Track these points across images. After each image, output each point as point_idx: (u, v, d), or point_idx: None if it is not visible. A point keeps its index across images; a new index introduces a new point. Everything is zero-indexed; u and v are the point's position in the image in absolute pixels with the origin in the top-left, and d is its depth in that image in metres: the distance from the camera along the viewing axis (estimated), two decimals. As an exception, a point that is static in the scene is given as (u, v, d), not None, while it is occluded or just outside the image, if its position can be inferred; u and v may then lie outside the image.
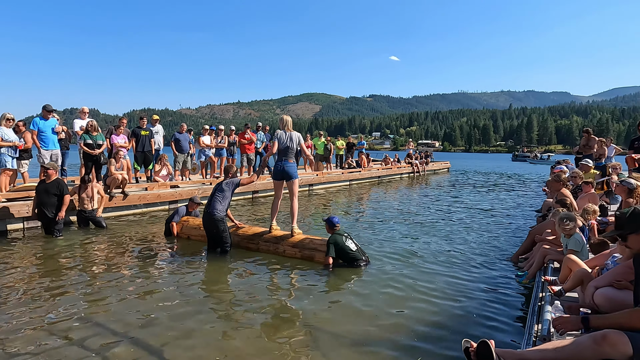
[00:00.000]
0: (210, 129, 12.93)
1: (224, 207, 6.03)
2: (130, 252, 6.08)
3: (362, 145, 22.74)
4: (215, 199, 6.04)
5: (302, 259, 5.70)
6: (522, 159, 60.63)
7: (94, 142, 8.90)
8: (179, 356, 3.07)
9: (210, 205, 6.02)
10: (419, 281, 4.86)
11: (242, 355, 3.11)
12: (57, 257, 5.79)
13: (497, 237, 7.36)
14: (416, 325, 3.65)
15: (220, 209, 5.98)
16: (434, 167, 27.61)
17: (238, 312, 3.93)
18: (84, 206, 7.63)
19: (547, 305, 3.06)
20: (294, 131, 6.13)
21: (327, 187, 15.81)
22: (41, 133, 8.63)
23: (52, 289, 4.49)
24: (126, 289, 4.52)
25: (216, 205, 5.99)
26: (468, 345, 2.28)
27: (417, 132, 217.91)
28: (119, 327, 3.52)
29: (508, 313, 3.97)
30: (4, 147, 7.68)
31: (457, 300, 4.26)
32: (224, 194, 6.05)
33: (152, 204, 9.63)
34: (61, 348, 3.16)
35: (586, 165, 8.55)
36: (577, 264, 3.30)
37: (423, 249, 6.43)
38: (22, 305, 4.02)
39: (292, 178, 6.01)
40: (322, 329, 3.57)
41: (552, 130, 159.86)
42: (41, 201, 6.95)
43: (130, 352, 3.11)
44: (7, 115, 7.86)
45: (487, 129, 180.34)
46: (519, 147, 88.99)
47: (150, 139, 10.56)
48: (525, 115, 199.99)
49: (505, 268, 5.43)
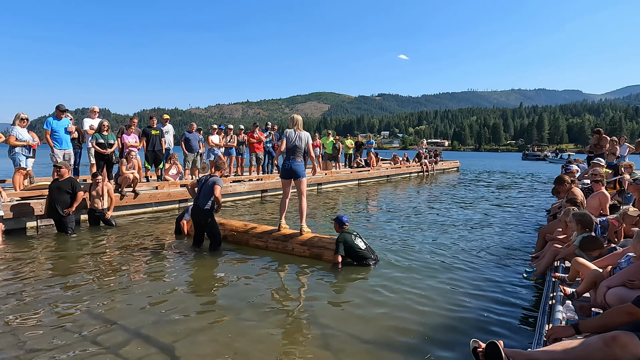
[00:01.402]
0: (220, 128, 13.00)
1: (211, 202, 6.13)
2: (141, 251, 6.14)
3: (371, 145, 22.67)
4: (203, 193, 6.16)
5: (311, 257, 5.72)
6: (532, 158, 60.02)
7: (106, 142, 9.01)
8: (190, 353, 3.10)
9: (198, 199, 6.18)
10: (428, 280, 4.85)
11: (252, 352, 3.13)
12: (69, 255, 5.88)
13: (507, 237, 7.30)
14: (425, 325, 3.64)
15: (208, 204, 6.10)
16: (443, 166, 27.45)
17: (247, 310, 3.96)
18: (95, 205, 7.73)
19: (558, 305, 3.04)
20: (303, 131, 6.14)
21: (336, 186, 15.81)
22: (54, 133, 8.74)
23: (65, 286, 4.56)
24: (137, 287, 4.57)
25: (204, 199, 6.12)
26: (476, 346, 2.27)
27: (426, 131, 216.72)
28: (130, 324, 3.57)
29: (518, 313, 3.95)
30: (18, 146, 7.82)
31: (467, 300, 4.24)
32: (210, 189, 6.13)
33: (163, 202, 9.72)
34: (74, 344, 3.21)
35: (598, 164, 8.44)
36: (586, 266, 3.26)
37: (432, 248, 6.41)
38: (36, 301, 4.09)
39: (300, 177, 6.02)
40: (331, 328, 3.58)
41: (564, 129, 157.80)
42: (54, 199, 7.06)
43: (141, 349, 3.15)
44: (22, 115, 7.99)
45: (497, 127, 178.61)
46: (529, 146, 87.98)
47: (160, 139, 10.65)
48: (536, 113, 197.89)
49: (515, 268, 5.39)
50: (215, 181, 6.17)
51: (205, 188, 6.18)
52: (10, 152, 7.92)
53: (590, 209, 5.38)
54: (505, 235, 7.41)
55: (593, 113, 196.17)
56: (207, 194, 6.13)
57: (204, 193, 6.17)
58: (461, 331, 3.51)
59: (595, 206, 5.87)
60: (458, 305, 4.11)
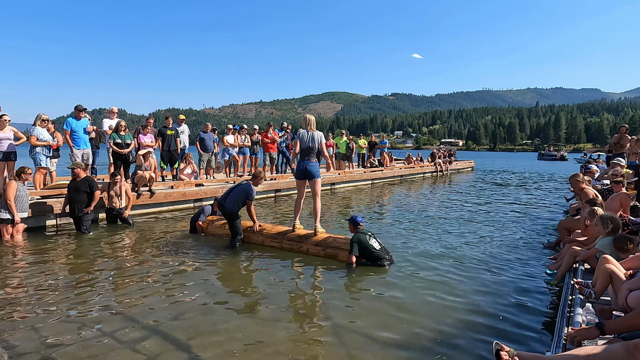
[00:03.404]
0: (234, 128, 13.10)
1: (237, 207, 6.22)
2: (157, 249, 6.23)
3: (385, 144, 22.57)
4: (232, 196, 6.24)
5: (325, 257, 5.72)
6: (548, 158, 58.95)
7: (123, 142, 9.16)
8: (206, 350, 3.14)
9: (226, 199, 6.27)
10: (443, 281, 4.81)
11: (267, 350, 3.15)
12: (87, 253, 6.00)
13: (525, 238, 7.19)
14: (440, 327, 3.61)
15: (234, 208, 6.19)
16: (457, 166, 27.19)
17: (262, 309, 3.99)
18: (113, 204, 7.87)
19: (578, 308, 2.98)
20: (316, 130, 6.15)
21: (350, 186, 15.79)
22: (73, 133, 8.93)
23: (84, 283, 4.66)
24: (154, 284, 4.64)
25: (231, 200, 6.21)
26: (499, 348, 2.25)
27: (440, 130, 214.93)
28: (149, 321, 3.63)
29: (536, 315, 3.88)
30: (39, 146, 8.01)
31: (483, 302, 4.19)
32: (239, 196, 6.21)
33: (178, 201, 9.84)
34: (93, 339, 3.27)
35: (618, 164, 8.25)
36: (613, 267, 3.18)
37: (448, 248, 6.35)
38: (56, 298, 4.19)
39: (315, 177, 6.03)
40: (346, 327, 3.58)
41: (582, 128, 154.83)
42: (72, 198, 7.21)
43: (159, 345, 3.20)
44: (42, 116, 8.18)
45: (513, 127, 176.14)
46: (545, 146, 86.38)
47: (175, 138, 10.79)
48: (552, 112, 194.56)
49: (533, 269, 5.31)
50: (246, 190, 6.23)
51: (237, 191, 6.26)
52: (31, 152, 8.12)
53: (609, 211, 5.26)
54: (522, 237, 7.30)
55: (612, 112, 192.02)
56: (236, 198, 6.21)
57: (233, 194, 6.25)
58: (477, 333, 3.47)
59: (615, 208, 5.73)
60: (474, 306, 4.07)
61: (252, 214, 6.39)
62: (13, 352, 3.05)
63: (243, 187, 6.29)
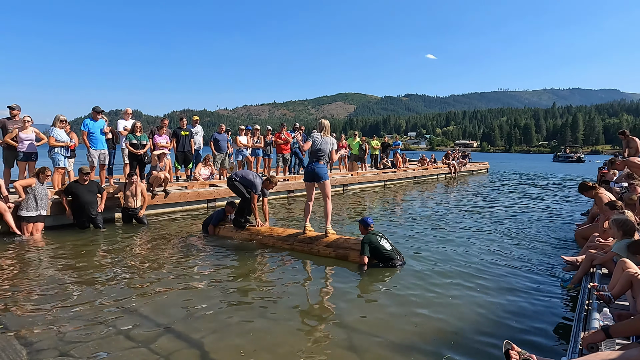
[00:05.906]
0: (247, 129, 13.19)
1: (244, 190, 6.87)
2: (171, 248, 6.31)
3: (398, 146, 22.45)
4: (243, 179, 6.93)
5: (336, 258, 5.72)
6: (564, 159, 57.88)
7: (139, 142, 9.30)
8: (218, 350, 3.17)
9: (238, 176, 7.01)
10: (455, 284, 4.76)
11: (277, 349, 3.16)
12: (103, 252, 6.11)
13: (541, 242, 7.08)
14: (452, 329, 3.57)
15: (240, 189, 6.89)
16: (471, 167, 26.90)
17: (274, 309, 4.00)
18: (129, 204, 8.00)
19: (595, 313, 2.93)
20: (330, 137, 6.20)
21: (362, 187, 15.75)
22: (91, 134, 9.09)
23: (100, 281, 4.75)
24: (168, 284, 4.70)
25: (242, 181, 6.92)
26: (509, 347, 2.23)
27: (454, 131, 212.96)
28: (162, 319, 3.67)
29: (551, 320, 3.82)
30: (57, 147, 8.18)
31: (497, 306, 4.14)
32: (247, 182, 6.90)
33: (192, 202, 9.94)
34: (108, 337, 3.33)
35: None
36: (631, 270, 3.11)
37: (460, 250, 6.29)
38: (73, 295, 4.28)
39: (323, 179, 6.05)
40: (356, 328, 3.58)
41: (600, 129, 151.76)
42: (85, 201, 7.41)
43: (172, 343, 3.24)
44: (61, 117, 8.36)
45: (529, 128, 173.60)
46: (561, 148, 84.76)
47: (190, 139, 10.90)
48: (570, 114, 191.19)
49: (548, 273, 5.23)
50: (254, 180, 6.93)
51: (249, 176, 7.02)
52: (49, 153, 8.30)
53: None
54: (538, 240, 7.19)
55: (632, 113, 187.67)
56: (245, 183, 6.92)
57: (245, 177, 6.99)
58: (491, 338, 3.42)
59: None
60: (487, 310, 4.02)
61: (254, 209, 6.83)
62: (31, 349, 3.12)
63: (255, 175, 6.97)
